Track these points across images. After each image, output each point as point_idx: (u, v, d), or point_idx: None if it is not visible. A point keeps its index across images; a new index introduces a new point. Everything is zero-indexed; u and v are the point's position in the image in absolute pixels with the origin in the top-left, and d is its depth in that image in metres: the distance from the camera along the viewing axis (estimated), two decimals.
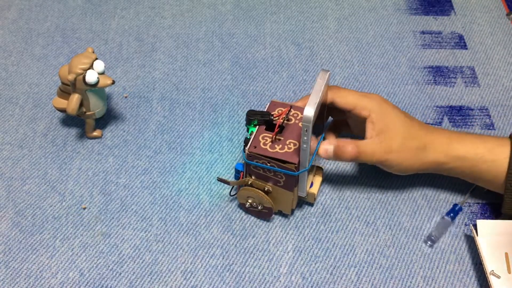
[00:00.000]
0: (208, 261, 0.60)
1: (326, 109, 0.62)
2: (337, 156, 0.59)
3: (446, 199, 0.65)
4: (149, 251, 0.61)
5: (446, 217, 0.63)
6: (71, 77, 0.63)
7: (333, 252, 0.61)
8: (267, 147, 0.58)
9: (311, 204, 0.65)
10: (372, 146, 0.59)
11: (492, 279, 0.56)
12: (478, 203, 0.65)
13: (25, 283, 0.59)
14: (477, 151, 0.60)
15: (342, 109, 0.62)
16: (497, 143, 0.60)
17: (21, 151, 0.70)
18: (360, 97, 0.61)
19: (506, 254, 0.58)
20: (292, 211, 0.64)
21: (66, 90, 0.67)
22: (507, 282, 0.56)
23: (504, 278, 0.57)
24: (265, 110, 0.61)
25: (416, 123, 0.62)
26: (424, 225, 0.63)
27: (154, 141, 0.71)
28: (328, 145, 0.59)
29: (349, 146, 0.58)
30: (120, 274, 0.59)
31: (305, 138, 0.54)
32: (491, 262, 0.58)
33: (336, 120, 0.69)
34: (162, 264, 0.60)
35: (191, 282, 0.59)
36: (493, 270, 0.57)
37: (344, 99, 0.61)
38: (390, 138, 0.59)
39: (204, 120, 0.73)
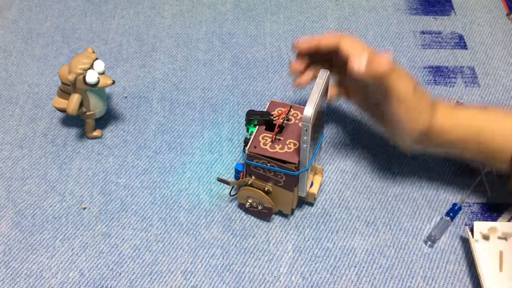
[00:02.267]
0: (208, 261, 0.60)
1: (325, 109, 0.62)
2: (370, 67, 0.52)
3: (446, 199, 0.65)
4: (149, 251, 0.61)
5: (445, 217, 0.63)
6: (71, 77, 0.63)
7: (333, 252, 0.61)
8: (267, 147, 0.58)
9: (311, 204, 0.65)
10: (405, 72, 0.55)
11: (484, 276, 0.56)
12: (478, 203, 0.65)
13: (25, 283, 0.59)
14: (481, 118, 0.58)
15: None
16: (502, 114, 0.58)
17: (21, 151, 0.70)
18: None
19: (501, 252, 0.58)
20: (292, 211, 0.64)
21: (66, 90, 0.67)
22: (498, 280, 0.57)
23: (495, 277, 0.57)
24: (265, 110, 0.61)
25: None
26: (424, 225, 0.63)
27: (154, 141, 0.71)
28: (359, 56, 0.53)
29: (385, 56, 0.52)
30: (120, 274, 0.59)
31: (305, 138, 0.54)
32: (486, 262, 0.58)
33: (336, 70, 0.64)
34: (162, 264, 0.60)
35: (191, 282, 0.59)
36: None
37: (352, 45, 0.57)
38: (412, 80, 0.56)
39: (204, 120, 0.73)
